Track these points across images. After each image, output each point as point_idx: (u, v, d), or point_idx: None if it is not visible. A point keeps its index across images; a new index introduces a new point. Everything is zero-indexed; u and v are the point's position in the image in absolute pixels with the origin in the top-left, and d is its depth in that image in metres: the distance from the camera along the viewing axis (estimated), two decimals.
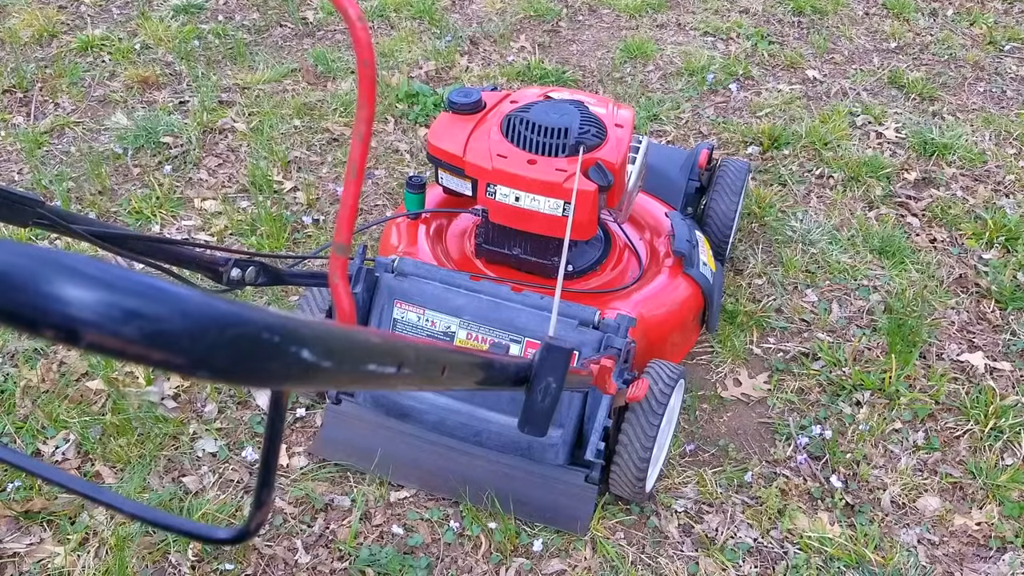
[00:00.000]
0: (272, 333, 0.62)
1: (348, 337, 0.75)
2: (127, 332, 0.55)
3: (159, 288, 0.57)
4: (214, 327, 0.58)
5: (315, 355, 0.67)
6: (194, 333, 0.57)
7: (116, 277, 0.56)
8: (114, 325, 0.55)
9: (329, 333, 0.70)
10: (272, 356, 0.63)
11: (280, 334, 0.63)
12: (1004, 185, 4.41)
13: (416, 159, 4.38)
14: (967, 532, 2.94)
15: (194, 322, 0.57)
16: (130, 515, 0.95)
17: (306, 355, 0.66)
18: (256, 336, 0.61)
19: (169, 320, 0.56)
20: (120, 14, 5.47)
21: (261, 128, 4.51)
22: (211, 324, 0.58)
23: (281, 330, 0.63)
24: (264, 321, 0.62)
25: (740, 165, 3.71)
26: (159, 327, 0.56)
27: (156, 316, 0.55)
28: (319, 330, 0.68)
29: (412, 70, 5.06)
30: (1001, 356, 3.53)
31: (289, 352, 0.64)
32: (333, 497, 2.93)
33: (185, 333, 0.56)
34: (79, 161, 4.27)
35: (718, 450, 3.14)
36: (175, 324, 0.56)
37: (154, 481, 2.94)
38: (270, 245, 3.78)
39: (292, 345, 0.64)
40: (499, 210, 2.93)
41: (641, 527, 2.89)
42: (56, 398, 3.15)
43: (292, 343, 0.64)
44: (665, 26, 5.63)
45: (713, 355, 3.46)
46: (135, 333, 0.55)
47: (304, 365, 0.66)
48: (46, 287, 0.54)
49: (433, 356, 0.99)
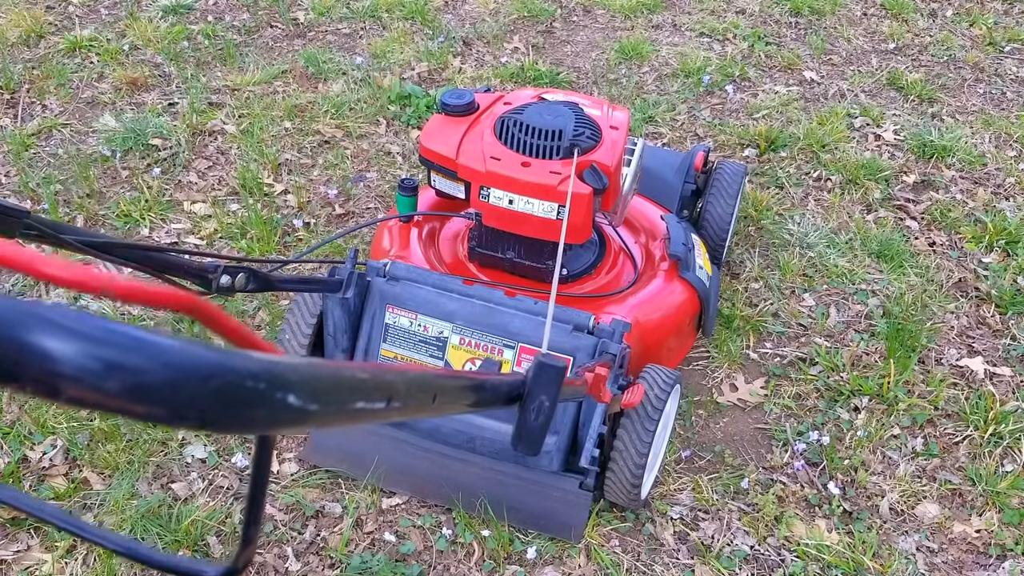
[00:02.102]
0: (257, 380, 0.61)
1: (335, 377, 0.74)
2: (108, 386, 0.54)
3: (139, 339, 0.56)
4: (196, 377, 0.57)
5: (302, 400, 0.66)
6: (176, 384, 0.56)
7: (96, 328, 0.55)
8: (94, 379, 0.54)
9: (315, 375, 0.69)
10: (257, 404, 0.62)
11: (265, 381, 0.62)
12: (1004, 188, 4.43)
13: (408, 161, 4.39)
14: (966, 539, 2.94)
15: (176, 373, 0.56)
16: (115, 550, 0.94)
17: (292, 400, 0.65)
18: (240, 384, 0.60)
19: (151, 372, 0.55)
20: (108, 15, 5.47)
21: (251, 130, 4.51)
22: (193, 374, 0.57)
23: (266, 376, 0.62)
24: (248, 369, 0.61)
25: (736, 167, 3.72)
26: (140, 379, 0.55)
27: (137, 368, 0.55)
28: (305, 373, 0.67)
29: (404, 71, 5.06)
30: (1001, 361, 3.54)
31: (275, 399, 0.63)
32: (324, 504, 2.93)
33: (167, 384, 0.56)
34: (67, 164, 4.27)
35: (714, 456, 3.15)
36: (157, 376, 0.55)
37: (143, 487, 2.94)
38: (261, 249, 3.78)
39: (278, 391, 0.64)
40: (492, 213, 2.93)
41: (636, 534, 2.90)
42: (43, 403, 3.15)
43: (278, 389, 0.64)
44: (660, 27, 5.64)
45: (709, 360, 3.47)
46: (116, 386, 0.54)
47: (291, 410, 0.65)
48: (25, 341, 0.53)
49: (423, 384, 0.97)
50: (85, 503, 2.90)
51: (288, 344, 2.92)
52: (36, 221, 1.83)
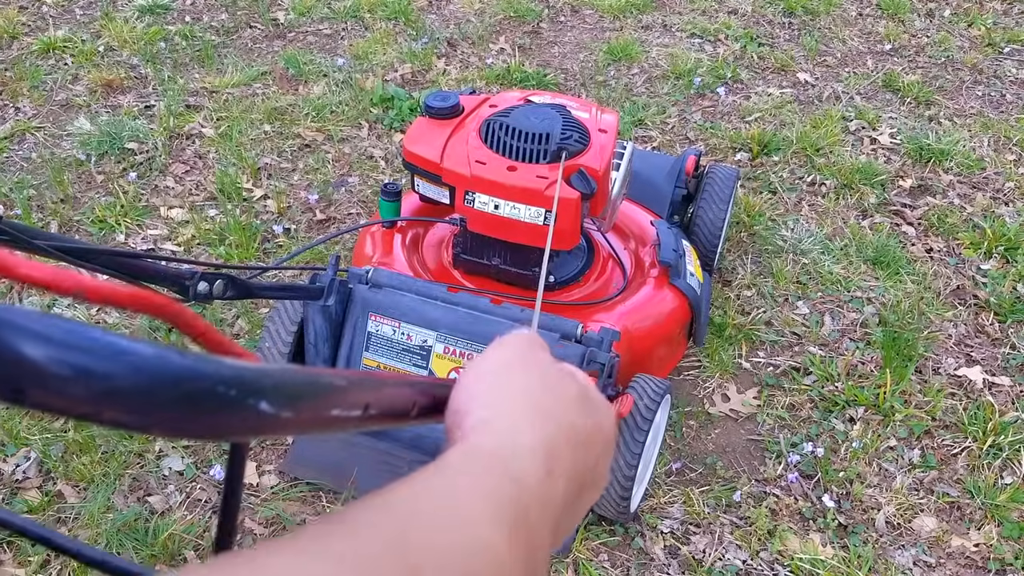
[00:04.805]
0: (228, 387, 0.60)
1: (310, 384, 0.72)
2: (74, 391, 0.53)
3: (108, 343, 0.55)
4: (166, 383, 0.56)
5: (275, 407, 0.65)
6: (144, 390, 0.55)
7: (62, 331, 0.54)
8: (60, 383, 0.52)
9: (289, 381, 0.68)
10: (228, 410, 0.61)
11: (236, 387, 0.61)
12: (1003, 193, 4.45)
13: (391, 165, 4.39)
14: (965, 554, 2.95)
15: (144, 378, 0.55)
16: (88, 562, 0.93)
17: (264, 407, 0.64)
18: (211, 391, 0.59)
19: (118, 377, 0.54)
20: (83, 15, 5.47)
21: (230, 134, 4.51)
22: (162, 380, 0.56)
23: (237, 383, 0.61)
24: (219, 374, 0.60)
25: (729, 172, 3.72)
26: (107, 384, 0.53)
27: (104, 373, 0.53)
28: (278, 379, 0.66)
29: (387, 73, 5.07)
30: (1000, 371, 3.55)
31: (247, 405, 0.62)
32: (305, 517, 2.93)
33: (135, 390, 0.54)
34: (40, 168, 4.27)
35: (706, 468, 3.15)
36: (125, 381, 0.54)
37: (119, 500, 2.93)
38: (239, 255, 3.78)
39: (250, 398, 0.62)
40: (477, 219, 2.93)
41: (625, 548, 2.90)
42: (16, 414, 3.14)
43: (250, 396, 0.62)
44: (650, 27, 5.66)
45: (700, 369, 3.48)
46: (82, 391, 0.53)
47: (263, 417, 0.64)
48: None
49: (402, 393, 0.98)
50: (59, 516, 2.89)
51: (268, 352, 2.92)
52: (8, 226, 1.83)
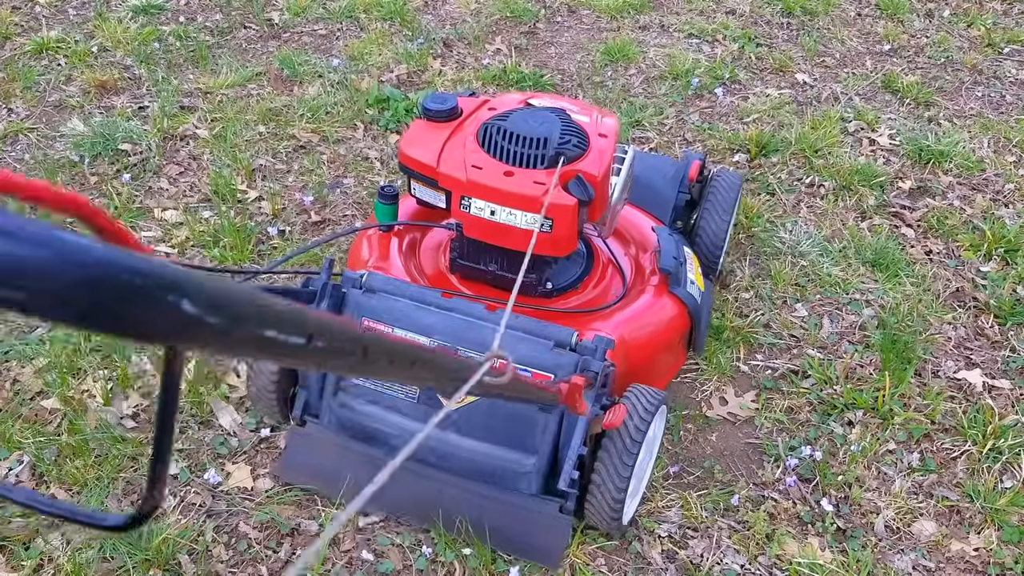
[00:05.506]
0: (144, 278, 0.59)
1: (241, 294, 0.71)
2: None
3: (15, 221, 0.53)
4: (74, 264, 0.55)
5: (198, 308, 0.64)
6: (50, 270, 0.54)
7: None
8: None
9: (215, 286, 0.67)
10: (145, 303, 0.60)
11: (154, 280, 0.60)
12: (1003, 194, 4.45)
13: (387, 167, 4.39)
14: (964, 558, 2.96)
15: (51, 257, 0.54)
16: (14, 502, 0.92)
17: (187, 307, 0.63)
18: (127, 281, 0.58)
19: (23, 256, 0.53)
20: (77, 15, 5.47)
21: (224, 135, 4.51)
22: (70, 261, 0.55)
23: (154, 276, 0.60)
24: (135, 265, 0.58)
25: (734, 178, 3.71)
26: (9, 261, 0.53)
27: (7, 250, 0.53)
28: (202, 281, 0.65)
29: (383, 74, 5.07)
30: (1000, 373, 3.55)
31: (165, 300, 0.61)
32: (300, 521, 2.93)
33: (40, 270, 0.53)
34: (34, 169, 4.27)
35: (703, 472, 3.16)
36: (29, 260, 0.53)
37: (112, 504, 2.93)
38: (234, 257, 3.78)
39: (169, 293, 0.61)
40: (474, 224, 2.93)
41: (623, 553, 2.90)
42: (9, 417, 3.14)
43: (169, 291, 0.61)
44: (648, 28, 5.66)
45: (698, 372, 3.48)
46: None
47: (185, 318, 0.63)
48: None
49: (353, 334, 0.95)
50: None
51: None
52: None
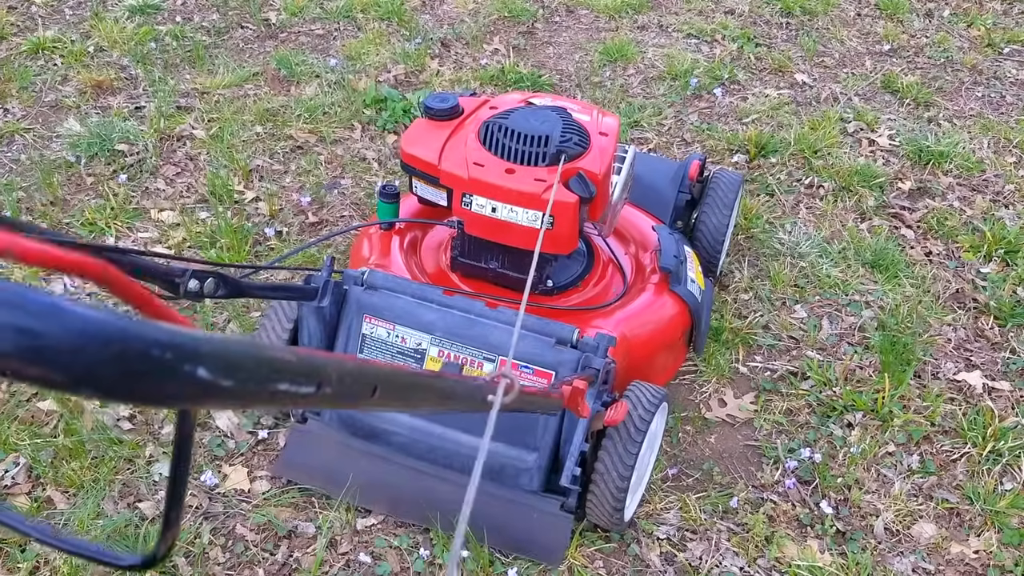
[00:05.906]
0: (163, 350, 0.60)
1: (252, 354, 0.72)
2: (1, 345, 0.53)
3: (36, 299, 0.55)
4: (96, 342, 0.56)
5: (213, 374, 0.65)
6: (74, 348, 0.55)
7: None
8: None
9: (229, 350, 0.68)
10: (163, 374, 0.61)
11: (171, 350, 0.61)
12: (1003, 195, 4.45)
13: (384, 167, 4.39)
14: (964, 560, 2.95)
15: (74, 336, 0.55)
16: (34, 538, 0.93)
17: (203, 374, 0.64)
18: (145, 353, 0.59)
19: (47, 334, 0.54)
20: (73, 15, 5.46)
21: (221, 135, 4.51)
22: (93, 338, 0.56)
23: (171, 346, 0.61)
24: (152, 336, 0.60)
25: (734, 178, 3.72)
26: (35, 341, 0.54)
27: (31, 329, 0.54)
28: (217, 346, 0.66)
29: (380, 74, 5.07)
30: (1000, 375, 3.55)
31: (182, 370, 0.62)
32: (297, 523, 2.92)
33: (64, 348, 0.55)
34: (30, 170, 4.26)
35: (702, 474, 3.16)
36: (53, 338, 0.54)
37: (108, 507, 2.93)
38: (231, 258, 3.77)
39: (186, 363, 0.63)
40: (475, 222, 2.93)
41: (621, 555, 2.90)
42: (5, 419, 3.14)
43: (186, 361, 0.63)
44: (646, 28, 5.66)
45: (697, 374, 3.48)
46: (8, 346, 0.53)
47: (201, 384, 0.64)
48: None
49: (361, 375, 0.96)
50: (49, 522, 2.89)
51: None
52: None
